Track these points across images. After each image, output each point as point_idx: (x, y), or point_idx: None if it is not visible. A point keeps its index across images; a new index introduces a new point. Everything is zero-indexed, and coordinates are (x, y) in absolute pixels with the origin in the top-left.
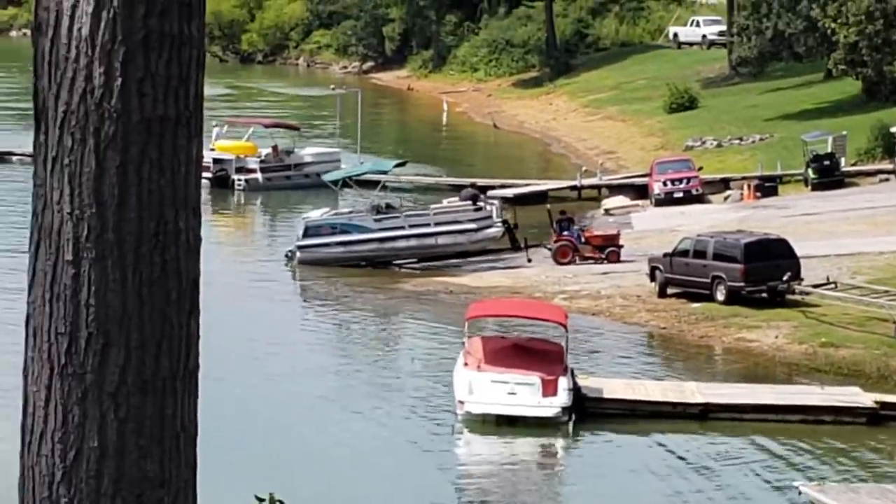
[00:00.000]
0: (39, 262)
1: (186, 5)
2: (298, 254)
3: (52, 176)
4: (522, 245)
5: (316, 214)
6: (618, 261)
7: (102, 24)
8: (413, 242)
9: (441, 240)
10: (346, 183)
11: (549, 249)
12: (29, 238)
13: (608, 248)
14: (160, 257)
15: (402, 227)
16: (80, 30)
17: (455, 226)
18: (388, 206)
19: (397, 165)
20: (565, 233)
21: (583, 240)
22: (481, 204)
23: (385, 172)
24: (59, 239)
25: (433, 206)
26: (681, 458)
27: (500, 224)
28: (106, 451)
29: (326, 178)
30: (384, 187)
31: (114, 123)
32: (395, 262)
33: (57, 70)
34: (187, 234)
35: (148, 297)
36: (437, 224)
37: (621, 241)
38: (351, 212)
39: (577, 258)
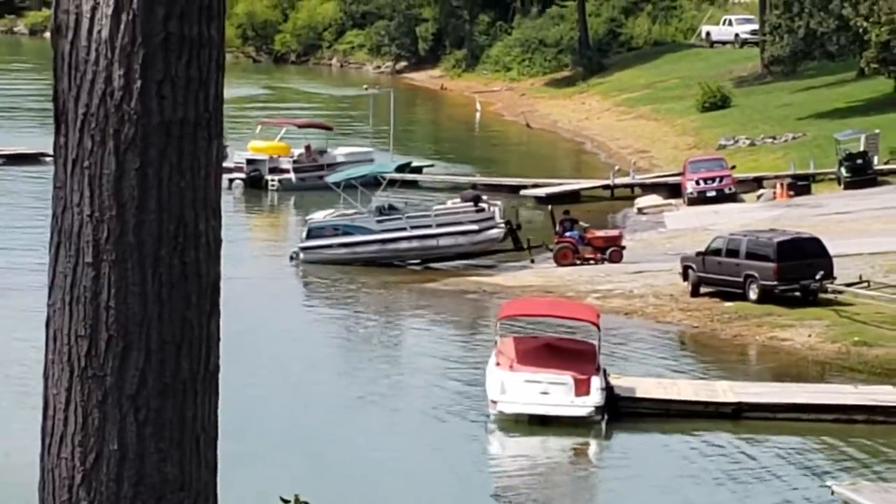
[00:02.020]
0: (59, 265)
1: (206, 7)
2: (301, 255)
3: (72, 178)
4: (525, 246)
5: (320, 216)
6: (620, 260)
7: (122, 26)
8: (415, 244)
9: (442, 241)
10: (349, 184)
11: (551, 250)
12: (49, 240)
13: (610, 248)
14: (180, 259)
15: (404, 229)
16: (99, 32)
17: (456, 227)
18: (391, 207)
19: (401, 166)
20: (567, 234)
21: (584, 241)
22: (483, 205)
23: (388, 173)
24: (79, 241)
25: (435, 206)
26: (713, 457)
27: (502, 225)
28: (126, 453)
29: (329, 179)
30: (389, 183)
31: (133, 126)
32: (398, 262)
33: (77, 72)
34: (207, 235)
35: (168, 300)
36: (438, 225)
37: (623, 242)
38: (355, 213)
39: (577, 260)
